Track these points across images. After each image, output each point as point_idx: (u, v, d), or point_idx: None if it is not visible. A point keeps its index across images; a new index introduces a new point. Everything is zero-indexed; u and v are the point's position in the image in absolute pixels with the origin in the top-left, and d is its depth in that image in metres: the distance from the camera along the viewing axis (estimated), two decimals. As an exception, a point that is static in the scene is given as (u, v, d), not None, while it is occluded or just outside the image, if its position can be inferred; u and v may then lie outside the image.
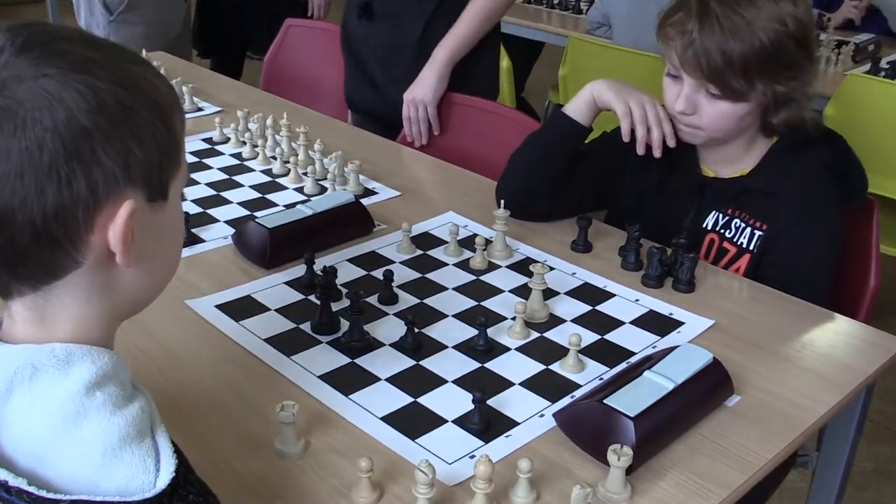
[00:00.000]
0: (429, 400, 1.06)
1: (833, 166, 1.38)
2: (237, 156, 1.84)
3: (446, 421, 1.03)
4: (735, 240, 1.42)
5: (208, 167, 1.79)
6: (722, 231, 1.43)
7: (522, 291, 1.31)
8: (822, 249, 1.35)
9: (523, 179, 1.49)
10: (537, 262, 1.29)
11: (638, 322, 1.25)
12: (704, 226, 1.44)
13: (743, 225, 1.41)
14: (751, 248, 1.39)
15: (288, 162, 1.76)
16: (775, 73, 1.31)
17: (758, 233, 1.39)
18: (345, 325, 1.20)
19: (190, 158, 1.83)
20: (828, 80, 2.79)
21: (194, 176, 1.73)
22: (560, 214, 1.53)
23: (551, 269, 1.38)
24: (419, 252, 1.44)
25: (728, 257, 1.42)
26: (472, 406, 1.01)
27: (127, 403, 0.67)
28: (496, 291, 1.32)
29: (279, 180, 1.73)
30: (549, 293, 1.29)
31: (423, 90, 1.98)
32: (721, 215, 1.43)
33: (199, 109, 2.11)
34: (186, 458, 0.69)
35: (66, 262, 0.67)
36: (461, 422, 1.02)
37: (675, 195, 1.48)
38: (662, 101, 1.42)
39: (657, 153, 1.40)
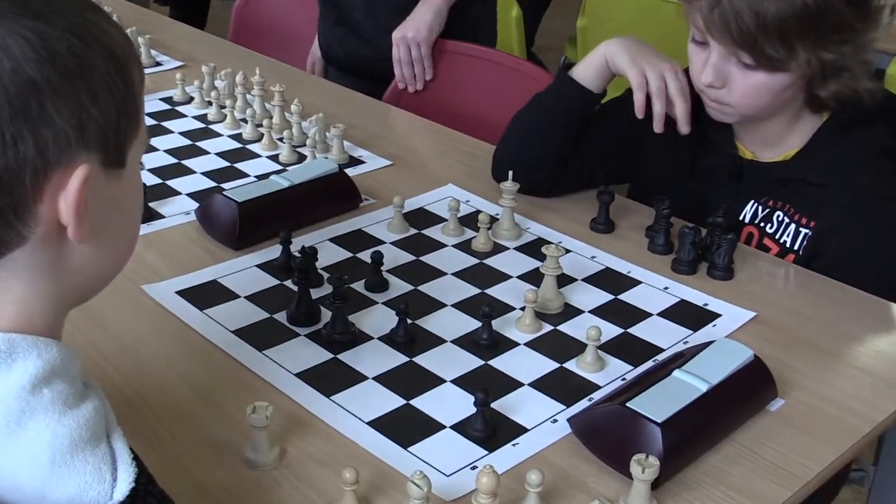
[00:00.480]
0: (424, 402, 1.07)
1: (893, 148, 1.35)
2: (202, 118, 1.84)
3: (444, 426, 1.03)
4: (777, 237, 1.41)
5: (168, 131, 1.79)
6: (762, 225, 1.42)
7: (533, 277, 1.31)
8: (882, 250, 1.32)
9: (521, 149, 1.49)
10: (551, 243, 1.29)
11: (667, 314, 1.25)
12: (742, 217, 1.43)
13: (786, 220, 1.40)
14: (795, 248, 1.38)
15: (261, 125, 1.76)
16: (820, 38, 1.27)
17: (804, 231, 1.37)
18: (326, 315, 1.20)
19: (147, 121, 1.82)
20: (891, 34, 2.78)
21: (152, 142, 1.73)
22: (565, 190, 1.53)
23: (567, 251, 1.38)
24: (413, 231, 1.45)
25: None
26: (473, 409, 1.02)
27: (78, 403, 0.68)
28: (503, 277, 1.33)
29: (250, 147, 1.73)
30: (564, 279, 1.30)
31: (416, 27, 1.97)
32: (760, 206, 1.42)
33: (158, 64, 2.11)
34: (146, 466, 0.69)
35: (9, 237, 0.67)
36: (461, 428, 1.03)
37: (706, 178, 1.47)
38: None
39: (684, 129, 1.39)
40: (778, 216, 1.41)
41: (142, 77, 0.72)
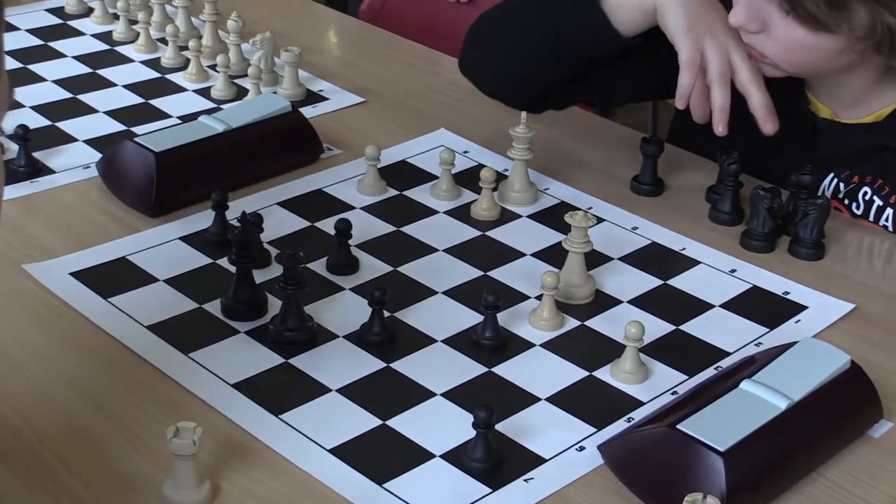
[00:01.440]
0: (406, 423, 1.07)
1: None
2: (105, 37, 1.84)
3: (433, 455, 1.03)
4: (867, 216, 1.42)
5: (58, 55, 1.78)
6: (846, 201, 1.44)
7: (554, 255, 1.31)
8: None
9: (500, 67, 1.49)
10: (577, 209, 1.29)
11: (734, 305, 1.25)
12: (820, 191, 1.44)
13: (876, 199, 1.41)
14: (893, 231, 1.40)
15: (186, 48, 1.76)
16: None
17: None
18: (275, 305, 1.20)
19: (28, 41, 1.82)
20: None
21: (37, 69, 1.73)
22: (565, 106, 1.53)
23: (599, 220, 1.38)
24: (392, 192, 1.45)
25: None
26: (472, 433, 1.02)
27: None
28: (513, 255, 1.33)
29: (172, 77, 1.73)
30: (594, 258, 1.30)
31: None
32: (842, 183, 1.43)
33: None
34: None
35: None
36: (456, 457, 1.03)
37: (768, 138, 1.48)
38: None
39: (768, 129, 1.36)
40: (865, 193, 1.42)
41: (1, 18, 0.69)
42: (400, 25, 2.01)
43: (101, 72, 1.73)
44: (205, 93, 1.67)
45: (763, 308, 1.25)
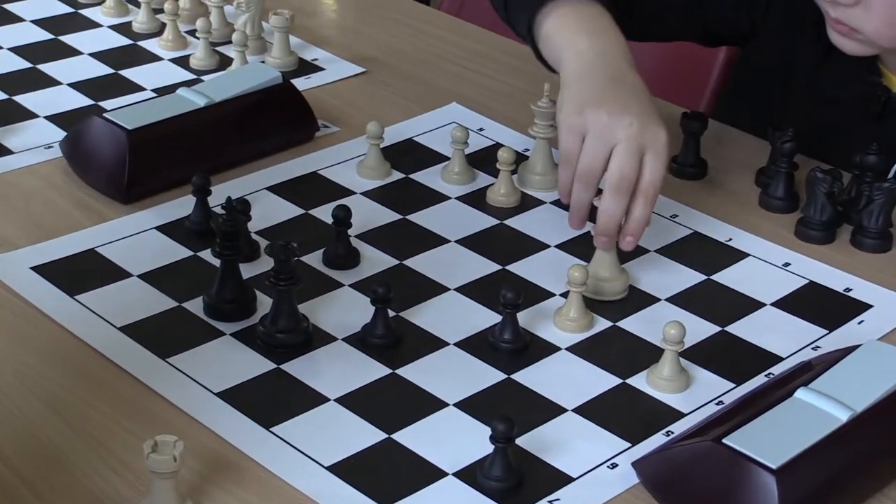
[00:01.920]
0: (414, 437, 1.08)
1: None
2: (68, -2, 1.85)
3: (445, 473, 1.05)
4: None
5: (16, 18, 1.80)
6: None
7: (581, 246, 1.33)
8: None
9: None
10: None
11: (788, 303, 1.27)
12: (891, 177, 1.44)
13: None
14: None
15: (161, 11, 1.77)
16: None
17: None
18: (265, 303, 1.22)
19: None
20: None
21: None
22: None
23: (635, 207, 1.40)
24: (397, 175, 1.46)
25: None
26: (490, 448, 1.03)
27: None
28: (534, 246, 1.35)
29: (144, 44, 1.74)
30: (629, 251, 1.31)
31: None
32: None
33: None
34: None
35: None
36: (471, 476, 1.04)
37: (830, 114, 1.49)
38: None
39: (625, 245, 1.27)
40: None
41: None
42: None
43: (63, 38, 1.75)
44: (183, 62, 1.69)
45: (821, 307, 1.26)
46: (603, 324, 1.23)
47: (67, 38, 1.75)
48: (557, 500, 1.03)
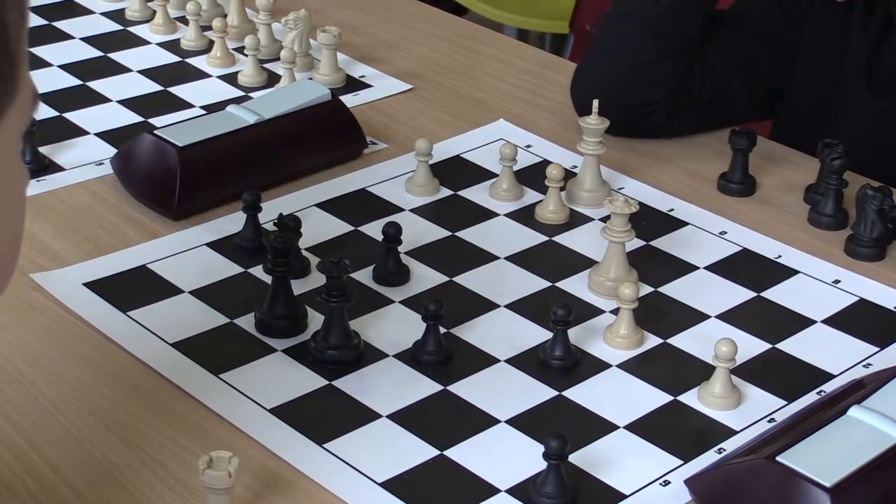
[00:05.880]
0: (466, 453, 1.09)
1: None
2: (116, 16, 1.85)
3: (497, 490, 1.05)
4: None
5: (66, 36, 1.81)
6: None
7: (631, 262, 1.32)
8: None
9: (621, 55, 1.50)
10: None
11: (839, 320, 1.26)
12: None
13: None
14: None
15: (209, 28, 1.78)
16: None
17: None
18: (317, 319, 1.22)
19: (34, 21, 1.82)
20: None
21: (41, 52, 1.74)
22: (685, 125, 1.55)
23: (681, 224, 1.40)
24: (446, 192, 1.47)
25: None
26: (543, 465, 1.03)
27: None
28: (583, 263, 1.34)
29: (193, 61, 1.75)
30: (677, 267, 1.32)
31: None
32: None
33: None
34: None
35: None
36: (524, 493, 1.04)
37: (891, 104, 1.48)
38: None
39: None
40: None
41: (21, 11, 0.70)
42: None
43: (112, 55, 1.76)
44: (231, 79, 1.69)
45: (872, 324, 1.26)
46: (653, 340, 1.23)
47: (116, 56, 1.75)
48: (610, 517, 1.03)
